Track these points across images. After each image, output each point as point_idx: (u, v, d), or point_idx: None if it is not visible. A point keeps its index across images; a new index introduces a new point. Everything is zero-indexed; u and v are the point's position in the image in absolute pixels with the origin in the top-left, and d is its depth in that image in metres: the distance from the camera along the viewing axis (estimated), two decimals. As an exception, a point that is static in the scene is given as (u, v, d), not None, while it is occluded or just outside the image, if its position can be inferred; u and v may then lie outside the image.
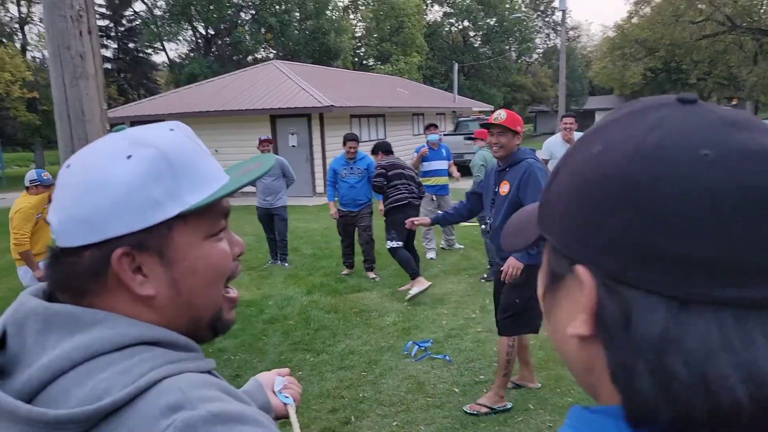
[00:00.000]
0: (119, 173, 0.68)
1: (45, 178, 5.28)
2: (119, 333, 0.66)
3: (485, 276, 6.73)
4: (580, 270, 0.45)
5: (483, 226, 3.83)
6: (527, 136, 45.49)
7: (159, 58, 39.69)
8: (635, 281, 0.42)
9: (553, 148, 6.99)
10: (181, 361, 0.68)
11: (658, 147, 0.42)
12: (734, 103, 29.77)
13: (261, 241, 8.81)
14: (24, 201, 5.10)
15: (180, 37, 34.08)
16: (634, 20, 24.84)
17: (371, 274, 7.13)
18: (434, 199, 7.77)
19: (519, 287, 3.55)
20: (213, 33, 33.84)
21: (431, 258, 7.78)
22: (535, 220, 0.54)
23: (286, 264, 7.84)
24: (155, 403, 0.61)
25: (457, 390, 4.03)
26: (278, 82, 16.91)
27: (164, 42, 33.90)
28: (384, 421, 3.64)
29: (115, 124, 4.50)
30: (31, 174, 5.30)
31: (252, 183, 0.77)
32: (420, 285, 6.03)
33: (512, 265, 3.44)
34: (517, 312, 3.60)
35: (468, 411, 3.67)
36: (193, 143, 0.75)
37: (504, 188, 3.63)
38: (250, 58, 33.47)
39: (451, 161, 8.00)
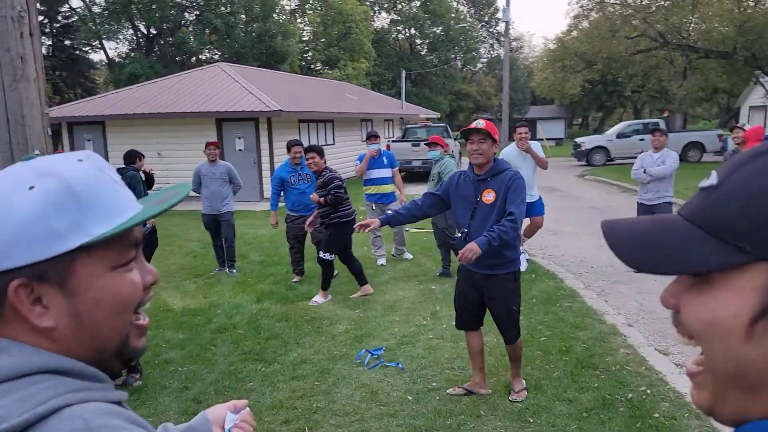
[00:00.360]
0: (20, 204, 0.67)
1: None
2: (20, 361, 0.66)
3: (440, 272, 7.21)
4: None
5: (459, 234, 3.81)
6: (472, 143, 46.37)
7: (97, 57, 38.25)
8: None
9: (511, 157, 7.15)
10: (87, 390, 0.67)
11: None
12: (665, 115, 31.26)
13: (207, 247, 8.63)
14: None
15: (120, 36, 32.98)
16: (574, 33, 25.74)
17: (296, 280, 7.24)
18: (374, 208, 7.80)
19: (513, 295, 3.82)
20: (155, 32, 32.92)
21: (382, 264, 7.82)
22: (701, 243, 0.52)
23: (234, 271, 7.70)
24: (56, 431, 0.61)
25: (410, 398, 4.06)
26: (225, 84, 16.60)
27: (103, 40, 32.72)
28: (338, 431, 3.63)
29: (51, 125, 4.26)
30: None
31: (163, 213, 0.76)
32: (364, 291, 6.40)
33: (472, 250, 3.47)
34: (516, 318, 3.91)
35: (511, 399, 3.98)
36: (103, 174, 0.74)
37: (488, 196, 3.69)
38: (194, 59, 32.72)
39: (396, 168, 7.98)
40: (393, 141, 19.37)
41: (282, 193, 7.23)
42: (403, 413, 3.83)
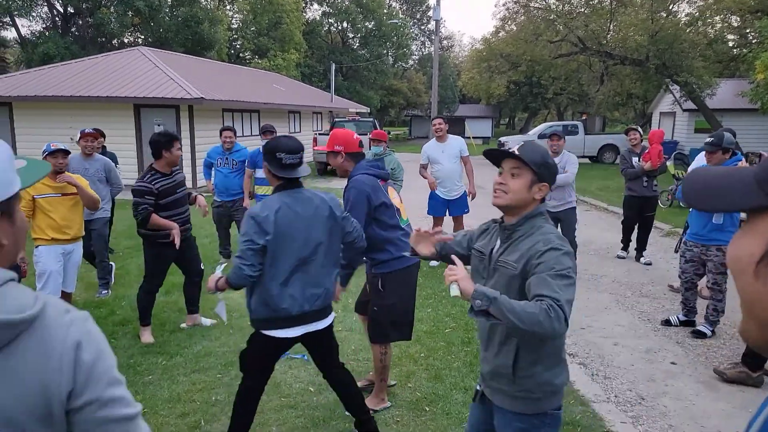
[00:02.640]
0: None
1: (53, 147, 4.85)
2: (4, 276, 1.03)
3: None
4: None
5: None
6: (403, 138, 46.77)
7: (9, 34, 35.81)
8: None
9: (429, 151, 7.32)
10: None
11: None
12: (584, 117, 32.69)
13: (118, 237, 8.32)
14: None
15: (34, 13, 31.04)
16: (501, 35, 26.41)
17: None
18: None
19: (378, 297, 3.65)
20: (72, 11, 31.21)
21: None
22: (749, 187, 0.59)
23: (106, 292, 6.35)
24: (56, 309, 1.06)
25: (312, 389, 4.08)
26: (144, 69, 15.98)
27: (15, 17, 30.70)
28: (235, 423, 3.59)
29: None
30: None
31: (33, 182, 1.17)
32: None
33: None
34: (380, 320, 3.68)
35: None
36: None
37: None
38: (115, 41, 31.26)
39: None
40: (320, 134, 19.29)
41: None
42: (303, 404, 3.85)
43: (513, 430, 2.14)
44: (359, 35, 44.32)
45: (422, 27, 52.44)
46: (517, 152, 2.10)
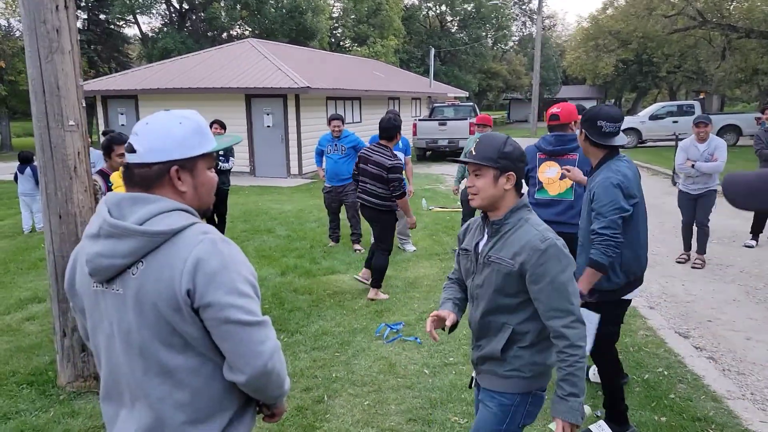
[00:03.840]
0: (177, 130, 1.46)
1: None
2: (172, 204, 1.44)
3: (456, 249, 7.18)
4: None
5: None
6: (501, 123, 45.79)
7: (131, 31, 38.64)
8: None
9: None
10: (197, 219, 1.48)
11: None
12: (702, 96, 30.42)
13: (234, 221, 8.81)
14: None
15: (153, 11, 33.25)
16: (609, 12, 25.11)
17: (357, 246, 7.58)
18: None
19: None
20: (188, 7, 33.11)
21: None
22: None
23: None
24: (195, 230, 1.41)
25: (427, 371, 4.14)
26: (254, 61, 16.70)
27: (137, 15, 33.05)
28: (356, 400, 3.74)
29: (86, 98, 4.43)
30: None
31: (224, 147, 1.57)
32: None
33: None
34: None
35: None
36: (205, 123, 1.54)
37: None
38: (225, 34, 32.88)
39: (409, 156, 7.66)
40: (420, 120, 19.30)
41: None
42: (419, 386, 3.92)
43: (495, 404, 2.17)
44: (458, 18, 43.73)
45: (523, 7, 50.82)
46: (467, 157, 2.13)
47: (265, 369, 1.39)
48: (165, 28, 32.11)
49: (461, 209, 7.59)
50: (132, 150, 1.44)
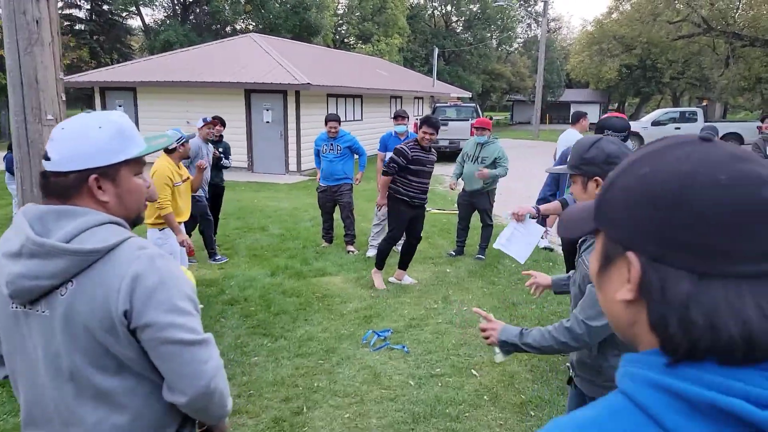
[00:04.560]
0: (95, 134, 1.34)
1: (184, 134, 5.21)
2: (102, 217, 1.33)
3: (452, 252, 7.35)
4: (631, 255, 0.66)
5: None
6: (504, 124, 45.64)
7: (134, 23, 38.43)
8: (670, 262, 0.63)
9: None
10: (130, 233, 1.36)
11: (689, 174, 0.63)
12: (705, 104, 30.27)
13: (227, 217, 8.70)
14: (164, 163, 4.97)
15: (156, 3, 33.12)
16: (614, 16, 24.97)
17: (350, 248, 7.44)
18: None
19: None
20: (191, 0, 32.97)
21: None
22: (589, 216, 0.75)
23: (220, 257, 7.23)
24: (131, 246, 1.31)
25: (412, 383, 4.02)
26: (255, 55, 16.57)
27: (140, 6, 32.91)
28: (336, 412, 3.62)
29: (81, 89, 4.33)
30: (174, 132, 4.99)
31: (155, 151, 1.48)
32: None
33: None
34: None
35: None
36: (132, 124, 1.43)
37: None
38: (228, 28, 32.74)
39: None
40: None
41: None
42: (403, 398, 3.80)
43: None
44: (463, 18, 43.56)
45: (529, 8, 50.64)
46: (564, 167, 2.22)
47: (207, 389, 1.32)
48: (168, 21, 31.97)
49: (457, 212, 7.47)
50: (47, 158, 1.33)
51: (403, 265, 6.25)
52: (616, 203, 0.69)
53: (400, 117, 7.42)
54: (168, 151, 5.06)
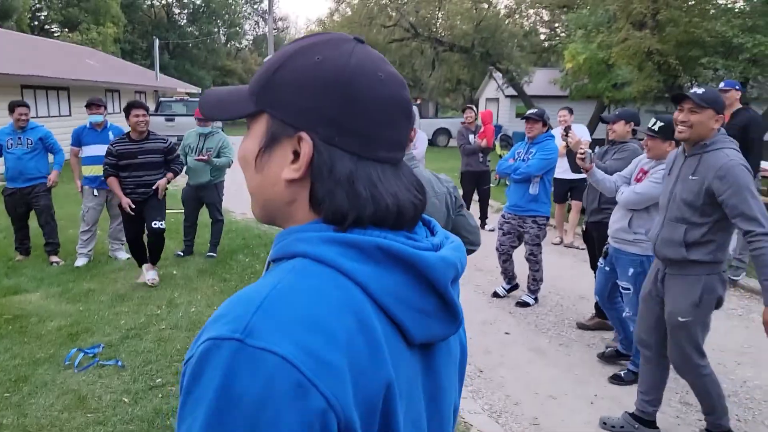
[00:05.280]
0: None
1: None
2: None
3: (180, 252, 6.84)
4: (305, 135, 0.70)
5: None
6: (241, 123, 44.98)
7: None
8: (339, 144, 0.70)
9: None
10: None
11: (357, 66, 0.71)
12: (419, 102, 33.88)
13: None
14: None
15: None
16: (335, 17, 26.25)
17: (54, 258, 6.36)
18: (96, 194, 6.24)
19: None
20: None
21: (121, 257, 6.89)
22: (243, 98, 0.76)
23: None
24: None
25: (126, 399, 3.51)
26: None
27: None
28: (24, 452, 2.96)
29: None
30: None
31: None
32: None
33: None
34: None
35: None
36: None
37: None
38: None
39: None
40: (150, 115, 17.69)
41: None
42: (114, 419, 3.29)
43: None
44: (186, 11, 41.62)
45: (255, 6, 50.68)
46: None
47: None
48: None
49: (183, 210, 6.94)
50: None
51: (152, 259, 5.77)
52: (288, 86, 0.72)
53: (94, 105, 6.25)
54: None
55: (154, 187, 5.46)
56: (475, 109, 8.36)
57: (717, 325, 3.25)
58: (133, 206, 5.39)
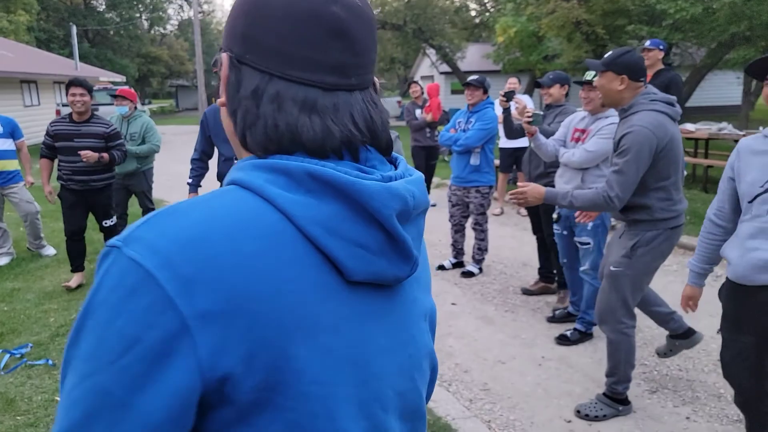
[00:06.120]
0: None
1: None
2: None
3: None
4: (224, 55, 0.71)
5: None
6: (170, 111, 43.34)
7: None
8: (248, 62, 0.69)
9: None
10: None
11: None
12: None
13: None
14: None
15: None
16: None
17: None
18: None
19: None
20: None
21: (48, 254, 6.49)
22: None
23: None
24: None
25: (58, 399, 3.30)
26: None
27: None
28: (-55, 465, 2.73)
29: None
30: None
31: None
32: None
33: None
34: None
35: None
36: None
37: None
38: None
39: (22, 140, 6.03)
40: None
41: None
42: (47, 419, 3.08)
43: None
44: (105, -4, 39.57)
45: (178, -10, 48.75)
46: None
47: None
48: None
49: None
50: None
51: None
52: (228, 18, 0.74)
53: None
54: None
55: (85, 159, 4.86)
56: (420, 83, 8.28)
57: (654, 281, 3.32)
58: (52, 194, 5.08)
